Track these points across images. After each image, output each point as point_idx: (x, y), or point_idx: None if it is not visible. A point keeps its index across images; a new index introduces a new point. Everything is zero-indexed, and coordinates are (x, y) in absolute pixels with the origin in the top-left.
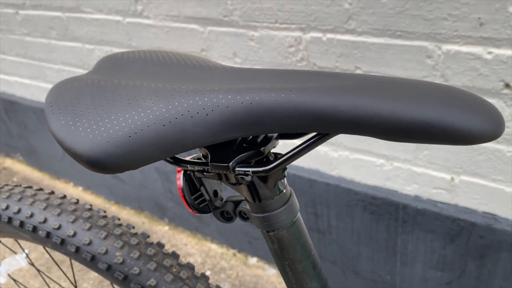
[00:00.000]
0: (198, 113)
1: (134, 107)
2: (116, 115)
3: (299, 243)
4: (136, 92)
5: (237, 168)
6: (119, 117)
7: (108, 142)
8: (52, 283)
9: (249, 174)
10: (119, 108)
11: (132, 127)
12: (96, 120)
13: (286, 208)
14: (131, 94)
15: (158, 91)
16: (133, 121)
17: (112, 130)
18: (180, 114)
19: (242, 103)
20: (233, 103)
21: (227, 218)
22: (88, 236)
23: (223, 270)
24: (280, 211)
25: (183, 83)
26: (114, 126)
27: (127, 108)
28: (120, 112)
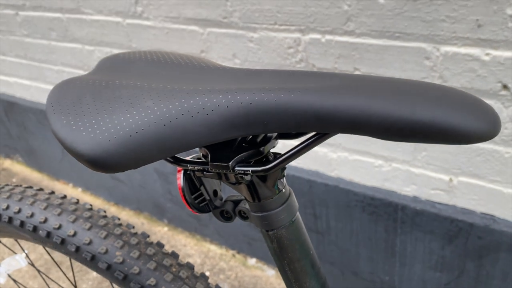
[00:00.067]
0: (198, 113)
1: (135, 107)
2: (117, 114)
3: (298, 242)
4: (137, 92)
5: (236, 168)
6: (120, 116)
7: (109, 141)
8: (52, 284)
9: (248, 173)
10: (120, 108)
11: (133, 127)
12: (97, 119)
13: (285, 208)
14: (132, 94)
15: (159, 91)
16: (134, 120)
17: (113, 130)
18: (181, 114)
19: (242, 103)
20: (233, 103)
21: (226, 217)
22: (88, 235)
23: (222, 271)
24: (279, 210)
25: (184, 83)
26: (115, 126)
27: (128, 108)
28: (121, 112)
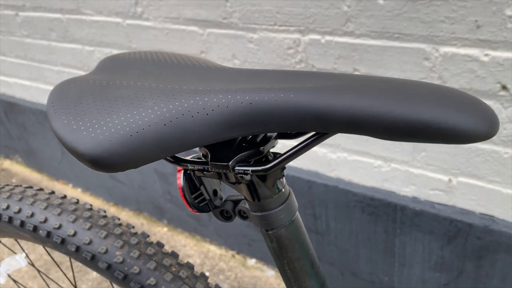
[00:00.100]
0: (198, 112)
1: (135, 106)
2: (118, 114)
3: (297, 242)
4: (137, 92)
5: (236, 167)
6: (121, 116)
7: (110, 141)
8: (51, 284)
9: (248, 173)
10: (121, 108)
11: (133, 126)
12: (98, 119)
13: (285, 207)
14: (132, 94)
15: (159, 91)
16: (134, 120)
17: (113, 129)
18: (181, 114)
19: (242, 103)
20: (233, 103)
21: (226, 217)
22: (88, 235)
23: (221, 271)
24: (279, 210)
25: (184, 83)
26: (116, 126)
27: (128, 107)
28: (121, 112)
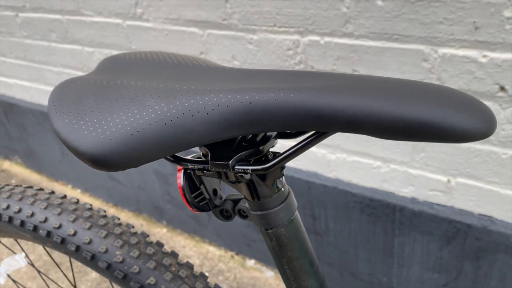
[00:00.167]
0: (198, 112)
1: (136, 106)
2: (118, 114)
3: (297, 241)
4: (138, 91)
5: (236, 167)
6: (121, 116)
7: (111, 140)
8: (51, 284)
9: (248, 172)
10: (121, 107)
11: (134, 126)
12: (98, 119)
13: (284, 206)
14: (133, 94)
15: (160, 90)
16: (135, 119)
17: (114, 129)
18: (181, 113)
19: (242, 103)
20: (233, 102)
21: (226, 216)
22: (88, 235)
23: (221, 272)
24: (278, 209)
25: (184, 83)
26: (117, 125)
27: (129, 107)
28: (122, 111)
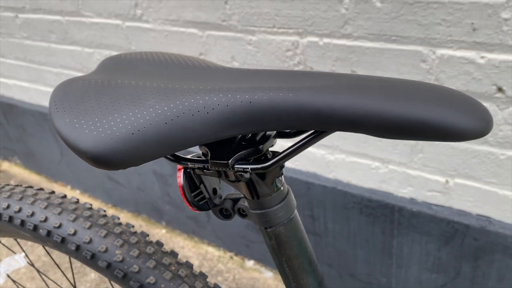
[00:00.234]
0: (199, 111)
1: (136, 105)
2: (119, 113)
3: (295, 239)
4: (139, 91)
5: (236, 166)
6: (122, 115)
7: (112, 139)
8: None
9: (248, 171)
10: (122, 107)
11: (135, 125)
12: (99, 118)
13: (284, 205)
14: (134, 93)
15: (160, 90)
16: (135, 119)
17: (115, 128)
18: (182, 113)
19: (242, 102)
20: (233, 102)
21: (225, 215)
22: (88, 234)
23: (220, 273)
24: (277, 208)
25: (184, 82)
26: (118, 124)
27: (130, 106)
28: (123, 110)
